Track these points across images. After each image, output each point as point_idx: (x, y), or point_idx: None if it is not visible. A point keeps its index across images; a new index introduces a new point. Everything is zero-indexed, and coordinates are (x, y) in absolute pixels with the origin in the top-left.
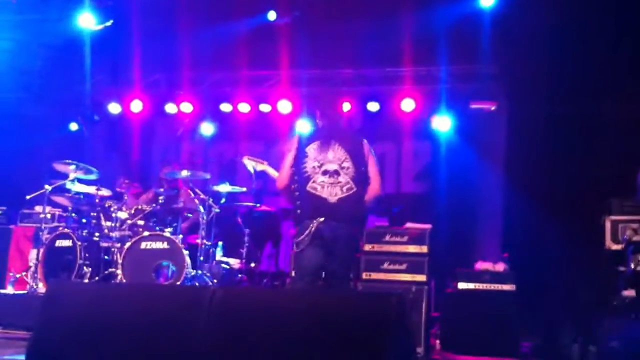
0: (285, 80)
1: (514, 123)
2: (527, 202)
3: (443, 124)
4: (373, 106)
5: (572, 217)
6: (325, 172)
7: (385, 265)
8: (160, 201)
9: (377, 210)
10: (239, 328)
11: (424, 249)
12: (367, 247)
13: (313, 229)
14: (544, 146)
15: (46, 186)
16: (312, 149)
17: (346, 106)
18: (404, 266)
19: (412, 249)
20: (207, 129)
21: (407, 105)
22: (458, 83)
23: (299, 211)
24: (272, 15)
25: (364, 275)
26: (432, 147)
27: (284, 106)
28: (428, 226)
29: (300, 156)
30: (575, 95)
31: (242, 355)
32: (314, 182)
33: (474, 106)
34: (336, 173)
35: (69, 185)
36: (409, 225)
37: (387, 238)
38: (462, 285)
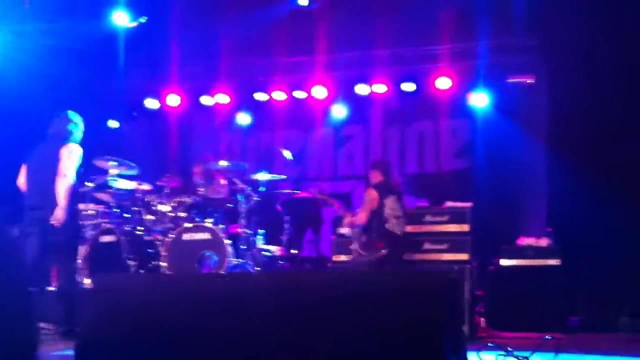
0: (319, 66)
1: (555, 96)
2: (572, 175)
3: (480, 100)
4: (409, 86)
5: (619, 188)
6: None
7: (426, 246)
8: (200, 193)
9: None
10: (296, 311)
11: (465, 227)
12: (408, 229)
13: None
14: (587, 118)
15: (88, 183)
16: None
17: (381, 87)
18: (445, 246)
19: (453, 228)
20: (244, 118)
21: (443, 83)
22: (494, 57)
23: None
24: (303, 0)
25: (405, 257)
26: (470, 124)
27: (319, 92)
28: (469, 204)
29: None
30: (619, 65)
31: (305, 337)
32: None
33: (511, 80)
34: None
35: (110, 181)
36: (449, 204)
37: (427, 218)
38: (504, 262)
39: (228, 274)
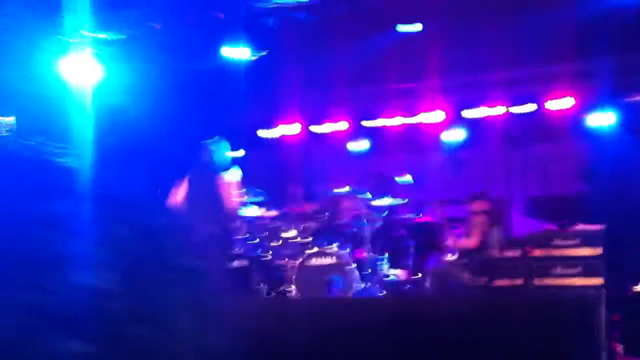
0: (432, 90)
1: None
2: None
3: (603, 119)
4: (527, 107)
5: None
6: None
7: (557, 270)
8: (324, 218)
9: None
10: (418, 335)
11: (598, 250)
12: (536, 253)
13: None
14: None
15: None
16: None
17: (498, 109)
18: (577, 270)
19: (585, 251)
20: (360, 144)
21: (565, 103)
22: (616, 75)
23: None
24: (415, 27)
25: (535, 282)
26: (593, 145)
27: (434, 116)
28: (600, 226)
29: None
30: None
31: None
32: None
33: (635, 99)
34: None
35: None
36: (579, 227)
37: (557, 242)
38: None
39: (353, 298)
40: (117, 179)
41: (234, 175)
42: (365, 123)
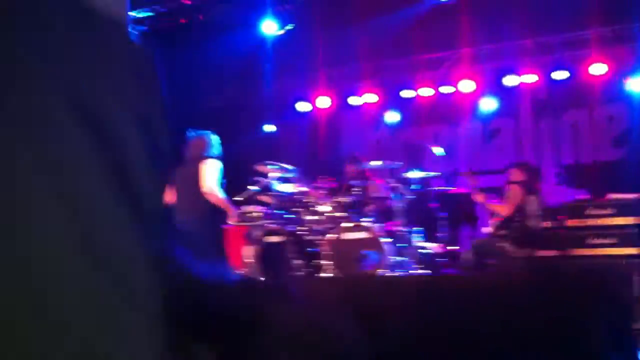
0: (464, 59)
1: None
2: None
3: (638, 84)
4: (560, 74)
5: None
6: None
7: (590, 240)
8: (355, 192)
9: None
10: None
11: (633, 220)
12: (569, 223)
13: None
14: None
15: (251, 187)
16: None
17: (530, 77)
18: (611, 240)
19: (619, 220)
20: (392, 116)
21: (598, 68)
22: None
23: None
24: None
25: (570, 252)
26: (628, 110)
27: (466, 85)
28: (635, 195)
29: None
30: None
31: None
32: None
33: None
34: None
35: (271, 184)
36: (612, 195)
37: (590, 211)
38: None
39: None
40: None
41: (211, 164)
42: (398, 94)
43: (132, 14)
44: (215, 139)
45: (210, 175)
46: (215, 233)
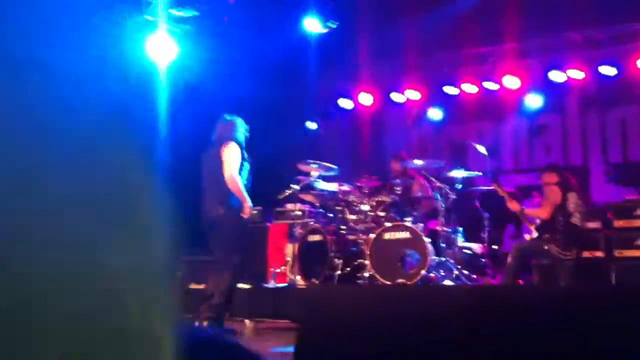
0: (509, 54)
1: None
2: None
3: None
4: (608, 69)
5: None
6: None
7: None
8: (397, 192)
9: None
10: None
11: None
12: (618, 224)
13: None
14: None
15: (293, 185)
16: None
17: (577, 73)
18: None
19: None
20: (435, 113)
21: None
22: None
23: None
24: None
25: (617, 254)
26: None
27: (510, 81)
28: None
29: None
30: None
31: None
32: None
33: None
34: None
35: (313, 183)
36: None
37: (639, 212)
38: None
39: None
40: None
41: (232, 149)
42: (441, 90)
43: (176, 12)
44: (241, 124)
45: (232, 161)
46: (239, 227)
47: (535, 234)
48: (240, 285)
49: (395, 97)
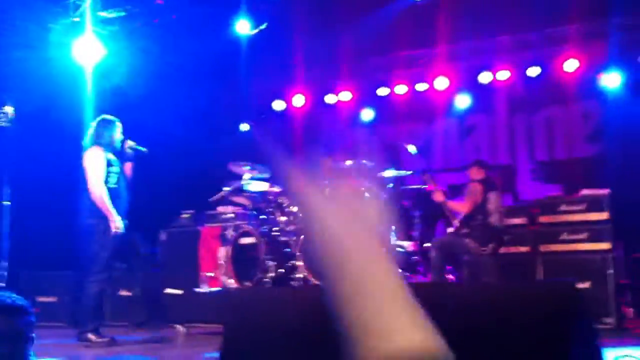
0: (440, 57)
1: None
2: None
3: (612, 80)
4: (534, 71)
5: None
6: None
7: (564, 236)
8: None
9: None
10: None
11: (605, 215)
12: (542, 219)
13: None
14: None
15: (225, 188)
16: None
17: (504, 74)
18: (584, 235)
19: (592, 216)
20: (367, 114)
21: (571, 65)
22: (626, 35)
23: None
24: None
25: (542, 248)
26: (601, 107)
27: (441, 83)
28: (606, 191)
29: None
30: None
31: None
32: None
33: None
34: None
35: (245, 185)
36: (584, 192)
37: (563, 207)
38: None
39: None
40: None
41: (93, 155)
42: (373, 92)
43: (103, 14)
44: (112, 125)
45: (94, 169)
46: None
47: (453, 229)
48: (171, 291)
49: (328, 98)
